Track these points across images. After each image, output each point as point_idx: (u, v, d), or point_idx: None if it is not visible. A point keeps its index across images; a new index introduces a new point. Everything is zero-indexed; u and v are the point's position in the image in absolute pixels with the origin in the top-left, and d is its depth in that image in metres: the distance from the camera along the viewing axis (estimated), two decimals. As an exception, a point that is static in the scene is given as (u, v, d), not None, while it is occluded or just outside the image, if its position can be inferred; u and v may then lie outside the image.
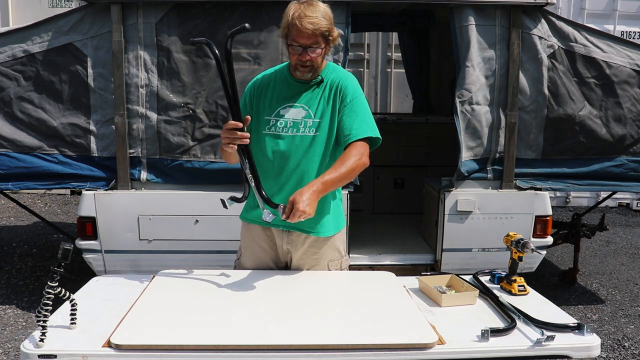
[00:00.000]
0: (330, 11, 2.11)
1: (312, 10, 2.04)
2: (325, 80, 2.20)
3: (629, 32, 7.02)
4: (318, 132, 2.18)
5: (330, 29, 2.08)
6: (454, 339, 1.70)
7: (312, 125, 2.18)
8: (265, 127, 2.21)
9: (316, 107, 2.19)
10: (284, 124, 2.19)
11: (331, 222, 2.29)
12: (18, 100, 3.48)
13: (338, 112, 2.18)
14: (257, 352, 1.60)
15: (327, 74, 2.22)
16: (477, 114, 3.62)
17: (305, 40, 2.05)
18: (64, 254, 1.60)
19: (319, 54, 2.10)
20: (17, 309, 3.99)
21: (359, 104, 2.20)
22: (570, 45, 3.66)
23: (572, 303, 4.36)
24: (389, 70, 7.92)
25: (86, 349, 1.59)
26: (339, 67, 2.30)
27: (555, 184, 3.78)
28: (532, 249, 2.10)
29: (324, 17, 2.05)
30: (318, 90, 2.20)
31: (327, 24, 2.06)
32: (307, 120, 2.18)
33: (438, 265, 3.84)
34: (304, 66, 2.11)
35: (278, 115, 2.20)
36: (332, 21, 2.11)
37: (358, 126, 2.17)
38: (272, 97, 2.23)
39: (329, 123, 2.19)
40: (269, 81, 2.25)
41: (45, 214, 6.52)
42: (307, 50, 2.07)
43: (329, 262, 2.31)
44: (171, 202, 3.56)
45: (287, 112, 2.20)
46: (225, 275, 2.19)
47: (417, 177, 5.04)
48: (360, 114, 2.19)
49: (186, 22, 3.44)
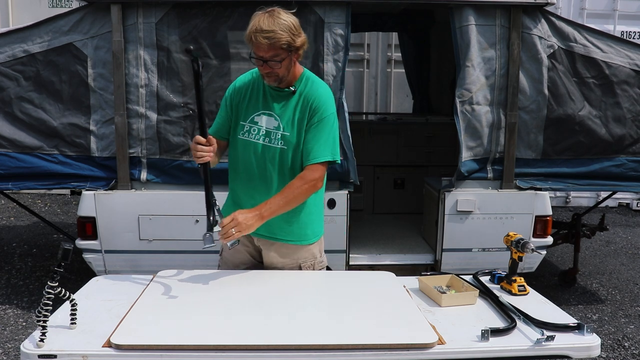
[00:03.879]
0: (294, 20, 2.08)
1: (270, 24, 2.01)
2: (298, 92, 2.21)
3: (629, 32, 7.02)
4: (286, 146, 2.20)
5: (290, 41, 2.05)
6: (454, 339, 1.70)
7: (280, 138, 2.20)
8: (240, 132, 2.25)
9: (286, 120, 2.20)
10: (257, 132, 2.23)
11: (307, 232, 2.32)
12: (18, 100, 3.48)
13: (305, 129, 2.20)
14: (257, 352, 1.60)
15: (302, 86, 2.22)
16: (477, 114, 3.62)
17: (264, 54, 2.06)
18: (64, 254, 1.60)
19: (281, 66, 2.09)
20: (17, 309, 3.99)
21: (325, 124, 2.20)
22: (570, 45, 3.66)
23: (572, 303, 4.36)
24: (389, 70, 7.92)
25: (86, 349, 1.59)
26: (317, 79, 2.26)
27: (555, 184, 3.78)
28: (532, 249, 2.10)
29: (282, 30, 2.02)
30: (291, 102, 2.21)
31: (286, 37, 2.03)
32: (277, 131, 2.20)
33: (438, 265, 3.83)
34: (268, 76, 2.13)
35: (252, 122, 2.24)
36: (296, 30, 2.07)
37: (318, 148, 2.18)
38: (248, 103, 2.25)
39: (296, 138, 2.20)
40: (248, 85, 2.28)
41: (45, 214, 6.52)
42: (268, 63, 2.07)
43: (301, 263, 2.33)
44: (171, 202, 3.56)
45: (261, 119, 2.23)
46: (225, 276, 2.19)
47: (417, 177, 5.05)
48: (324, 135, 2.20)
49: (186, 22, 3.44)
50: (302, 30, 2.12)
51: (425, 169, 5.14)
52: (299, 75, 2.23)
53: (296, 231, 2.29)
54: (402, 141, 5.31)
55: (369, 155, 5.05)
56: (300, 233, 2.30)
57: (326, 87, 2.27)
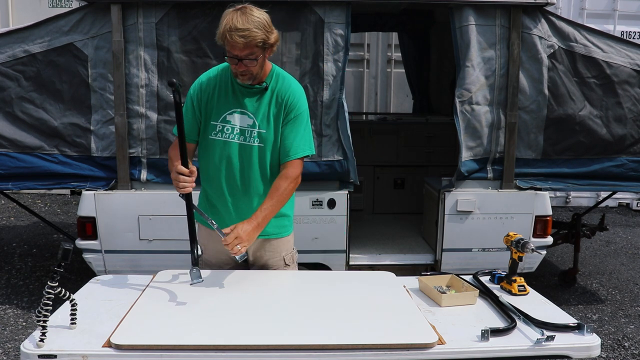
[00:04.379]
0: (266, 17, 2.07)
1: (244, 21, 1.99)
2: (271, 89, 2.20)
3: (629, 32, 7.02)
4: (263, 144, 2.20)
5: (265, 39, 2.04)
6: (454, 339, 1.70)
7: (256, 136, 2.20)
8: (212, 132, 2.22)
9: (261, 117, 2.19)
10: (231, 130, 2.20)
11: (285, 223, 2.36)
12: (18, 100, 3.48)
13: (282, 125, 2.20)
14: (257, 352, 1.60)
15: (274, 82, 2.21)
16: (477, 114, 3.62)
17: (239, 52, 2.03)
18: (64, 254, 1.60)
19: (256, 64, 2.08)
20: (17, 309, 3.99)
21: (301, 120, 2.22)
22: (571, 45, 3.66)
23: (572, 303, 4.36)
24: (389, 70, 7.92)
25: (86, 349, 1.59)
26: (287, 75, 2.26)
27: (555, 184, 3.78)
28: (532, 249, 2.10)
29: (257, 28, 2.01)
30: (264, 99, 2.20)
31: (261, 34, 2.02)
32: (252, 129, 2.20)
33: (438, 265, 3.83)
34: (242, 75, 2.11)
35: (225, 121, 2.21)
36: (269, 27, 2.06)
37: (297, 144, 2.20)
38: (218, 101, 2.22)
39: (274, 135, 2.21)
40: (215, 83, 2.23)
41: (45, 214, 6.53)
42: (243, 61, 2.05)
43: (284, 257, 2.37)
44: (171, 202, 3.53)
45: (233, 117, 2.20)
46: (225, 276, 2.19)
47: (417, 177, 5.05)
48: (301, 130, 2.22)
49: (186, 22, 3.44)
50: (273, 27, 2.10)
51: (425, 169, 5.14)
52: (269, 71, 2.22)
53: (278, 224, 2.31)
54: (402, 141, 5.31)
55: (369, 155, 5.06)
56: (280, 225, 2.33)
57: (297, 82, 2.27)
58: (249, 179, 2.23)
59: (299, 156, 2.20)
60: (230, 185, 2.25)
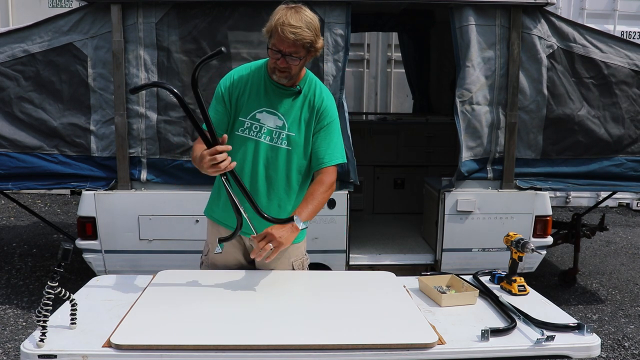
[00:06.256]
0: (317, 21, 2.05)
1: (297, 19, 1.97)
2: (304, 93, 2.17)
3: (629, 32, 7.02)
4: (291, 147, 2.17)
5: (313, 41, 2.02)
6: (454, 339, 1.70)
7: (284, 138, 2.17)
8: (239, 128, 2.18)
9: (292, 120, 2.16)
10: (259, 129, 2.16)
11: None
12: (18, 100, 3.48)
13: (313, 132, 2.18)
14: (257, 352, 1.60)
15: (307, 86, 2.19)
16: (477, 114, 3.62)
17: (286, 48, 2.00)
18: (64, 254, 1.60)
19: (298, 64, 2.06)
20: (17, 309, 3.99)
21: (334, 128, 2.21)
22: (570, 46, 3.66)
23: (572, 303, 4.36)
24: (389, 70, 7.92)
25: (86, 349, 1.59)
26: (319, 81, 2.25)
27: (555, 184, 3.78)
28: (532, 249, 2.10)
29: (308, 28, 1.99)
30: (296, 103, 2.17)
31: (310, 36, 2.00)
32: (281, 131, 2.16)
33: (438, 265, 3.84)
34: (281, 71, 2.08)
35: (253, 119, 2.17)
36: (318, 32, 2.04)
37: (332, 152, 2.18)
38: (249, 98, 2.17)
39: (304, 141, 2.18)
40: (246, 80, 2.19)
41: (45, 214, 6.53)
42: (286, 58, 2.02)
43: (293, 262, 2.33)
44: (171, 202, 3.56)
45: (263, 116, 2.16)
46: (225, 276, 2.19)
47: (417, 177, 5.05)
48: (335, 138, 2.20)
49: (186, 22, 3.44)
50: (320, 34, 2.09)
51: (425, 169, 5.14)
52: (303, 75, 2.20)
53: None
54: (402, 141, 5.31)
55: (369, 155, 5.06)
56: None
57: (328, 90, 2.27)
58: (272, 181, 2.19)
59: (334, 163, 2.18)
60: (253, 184, 2.19)
